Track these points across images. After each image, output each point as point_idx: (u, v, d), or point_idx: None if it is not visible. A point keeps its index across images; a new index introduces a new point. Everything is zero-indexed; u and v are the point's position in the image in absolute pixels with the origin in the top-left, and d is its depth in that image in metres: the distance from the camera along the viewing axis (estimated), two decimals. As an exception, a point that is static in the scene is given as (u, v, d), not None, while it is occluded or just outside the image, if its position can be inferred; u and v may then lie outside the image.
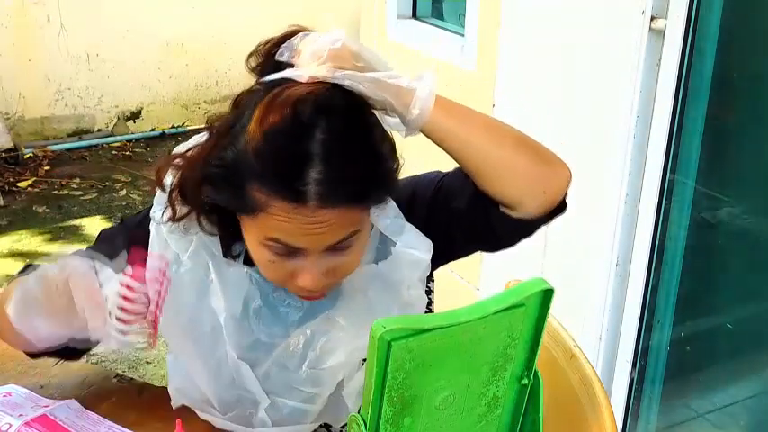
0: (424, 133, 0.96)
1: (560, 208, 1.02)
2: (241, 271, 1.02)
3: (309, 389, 1.01)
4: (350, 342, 1.01)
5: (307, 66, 0.90)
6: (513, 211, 0.99)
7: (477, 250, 1.10)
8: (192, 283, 1.00)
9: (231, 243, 1.02)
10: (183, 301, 1.00)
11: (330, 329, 1.01)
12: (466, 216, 1.02)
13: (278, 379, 1.01)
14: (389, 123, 0.97)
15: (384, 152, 0.94)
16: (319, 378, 1.01)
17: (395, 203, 1.02)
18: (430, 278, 1.13)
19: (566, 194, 1.02)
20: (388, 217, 1.00)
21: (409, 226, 1.02)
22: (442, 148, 0.97)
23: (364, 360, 1.00)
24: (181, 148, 0.99)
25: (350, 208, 0.91)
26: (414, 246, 1.00)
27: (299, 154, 0.87)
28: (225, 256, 1.02)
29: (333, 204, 0.88)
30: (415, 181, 1.09)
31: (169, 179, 0.98)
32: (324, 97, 0.89)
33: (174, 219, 0.97)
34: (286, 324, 1.03)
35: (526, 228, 1.01)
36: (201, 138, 0.97)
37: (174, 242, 0.99)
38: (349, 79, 0.90)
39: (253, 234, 0.93)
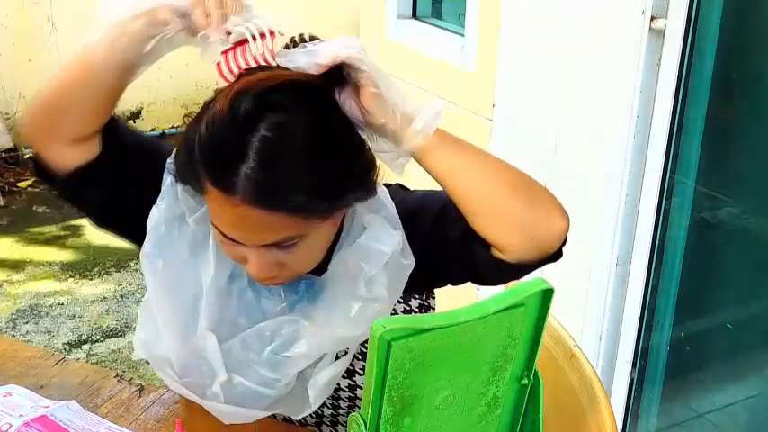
0: (415, 158, 0.94)
1: (554, 255, 1.00)
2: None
3: (267, 372, 1.00)
4: (313, 334, 1.00)
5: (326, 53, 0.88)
6: (501, 253, 0.97)
7: (468, 281, 1.07)
8: (190, 244, 1.01)
9: None
10: (177, 256, 1.00)
11: (299, 319, 1.01)
12: (458, 247, 1.00)
13: (239, 357, 1.01)
14: (377, 150, 0.95)
15: (343, 160, 0.91)
16: (279, 364, 1.00)
17: (388, 203, 1.02)
18: (430, 294, 1.13)
19: (562, 243, 0.99)
20: (372, 212, 1.00)
21: (379, 219, 1.01)
22: (430, 174, 0.96)
23: (323, 354, 1.00)
24: None
25: (283, 215, 0.88)
26: (378, 239, 0.99)
27: (236, 144, 0.86)
28: None
29: (263, 206, 0.86)
30: (424, 197, 1.08)
31: None
32: (280, 92, 0.87)
33: (176, 179, 0.98)
34: (264, 313, 1.03)
35: (512, 271, 0.99)
36: None
37: (185, 199, 0.99)
38: (367, 66, 0.88)
39: (210, 212, 0.94)
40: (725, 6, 1.68)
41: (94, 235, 3.52)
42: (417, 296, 1.11)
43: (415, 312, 1.12)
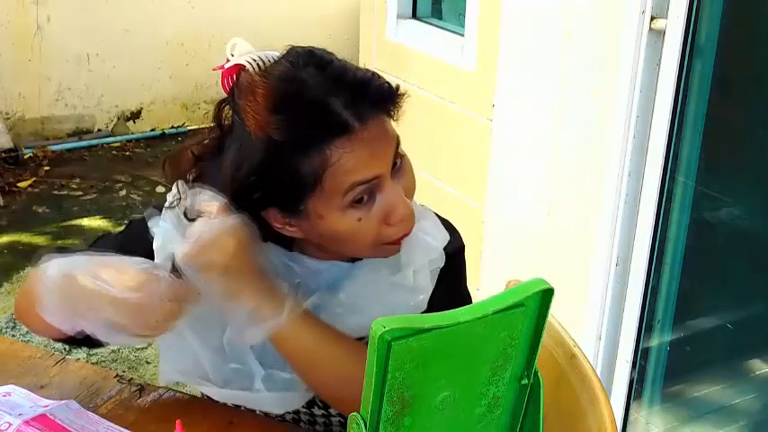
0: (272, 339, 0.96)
1: None
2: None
3: None
4: (347, 318, 1.01)
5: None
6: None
7: None
8: None
9: None
10: None
11: (330, 304, 1.02)
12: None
13: (273, 351, 1.01)
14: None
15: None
16: None
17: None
18: None
19: None
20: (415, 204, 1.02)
21: (431, 214, 1.05)
22: (278, 348, 0.97)
23: (360, 338, 1.01)
24: None
25: (380, 114, 0.94)
26: (429, 232, 1.02)
27: (313, 98, 0.91)
28: None
29: (368, 113, 0.92)
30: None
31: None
32: (294, 54, 0.95)
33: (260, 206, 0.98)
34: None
35: None
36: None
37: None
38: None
39: (330, 207, 0.94)
40: (725, 6, 1.69)
41: (94, 235, 3.52)
42: None
43: None
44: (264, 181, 0.93)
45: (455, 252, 1.08)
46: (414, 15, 2.66)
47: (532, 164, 2.11)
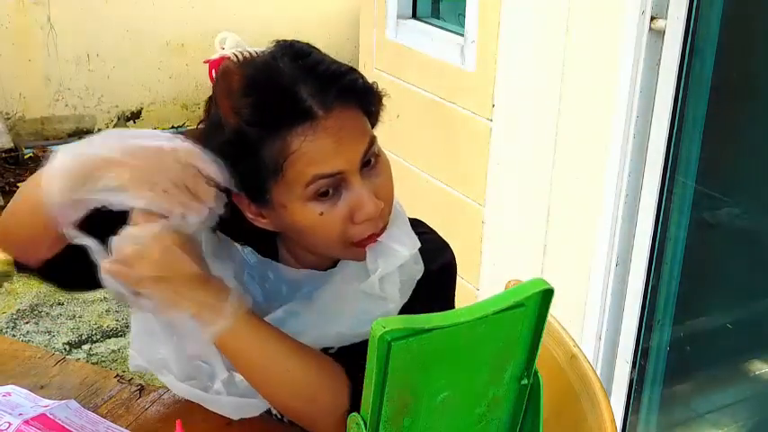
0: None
1: None
2: (232, 246, 1.03)
3: None
4: (316, 327, 1.00)
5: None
6: None
7: None
8: None
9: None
10: None
11: (301, 311, 1.01)
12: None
13: None
14: None
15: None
16: None
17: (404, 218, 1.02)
18: None
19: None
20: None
21: (403, 221, 1.02)
22: (221, 350, 0.96)
23: (327, 349, 1.00)
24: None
25: (349, 107, 0.93)
26: (395, 238, 0.99)
27: (282, 84, 0.91)
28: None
29: (334, 102, 0.91)
30: (432, 244, 1.07)
31: None
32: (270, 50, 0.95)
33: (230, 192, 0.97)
34: (266, 309, 1.02)
35: None
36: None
37: None
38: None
39: (291, 197, 0.93)
40: (725, 6, 1.68)
41: (94, 235, 3.51)
42: None
43: None
44: (232, 166, 0.92)
45: (441, 269, 1.05)
46: (414, 15, 2.66)
47: (532, 164, 2.11)
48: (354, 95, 0.94)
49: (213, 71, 0.96)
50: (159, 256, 0.89)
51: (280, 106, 0.90)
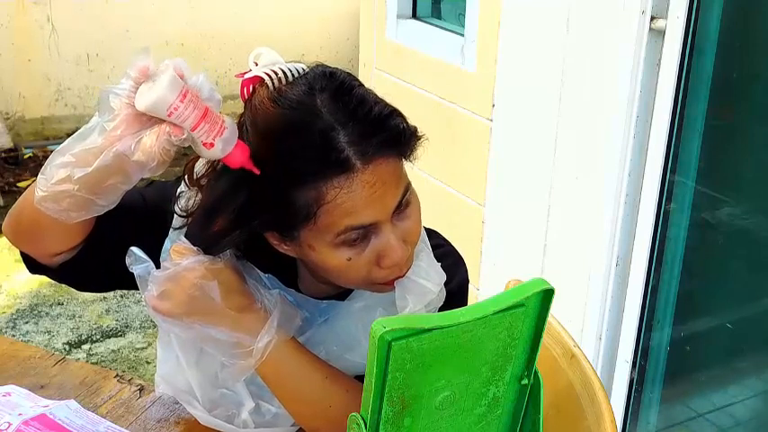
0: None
1: None
2: (253, 272, 1.00)
3: None
4: (337, 356, 1.00)
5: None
6: None
7: None
8: None
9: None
10: None
11: (325, 341, 1.01)
12: None
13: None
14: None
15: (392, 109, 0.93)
16: None
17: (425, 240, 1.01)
18: None
19: None
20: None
21: (427, 253, 1.00)
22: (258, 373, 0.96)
23: (356, 376, 1.00)
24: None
25: (388, 156, 0.89)
26: (423, 275, 0.98)
27: (319, 130, 0.86)
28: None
29: (374, 154, 0.87)
30: (451, 260, 1.06)
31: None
32: (301, 79, 0.90)
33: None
34: None
35: None
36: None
37: None
38: None
39: (321, 242, 0.91)
40: (725, 6, 1.68)
41: (94, 235, 3.51)
42: None
43: None
44: (260, 205, 0.90)
45: (459, 287, 1.05)
46: (414, 15, 2.66)
47: (532, 164, 2.11)
48: (396, 144, 0.91)
49: (245, 89, 0.92)
50: (185, 294, 0.90)
51: (315, 155, 0.86)
